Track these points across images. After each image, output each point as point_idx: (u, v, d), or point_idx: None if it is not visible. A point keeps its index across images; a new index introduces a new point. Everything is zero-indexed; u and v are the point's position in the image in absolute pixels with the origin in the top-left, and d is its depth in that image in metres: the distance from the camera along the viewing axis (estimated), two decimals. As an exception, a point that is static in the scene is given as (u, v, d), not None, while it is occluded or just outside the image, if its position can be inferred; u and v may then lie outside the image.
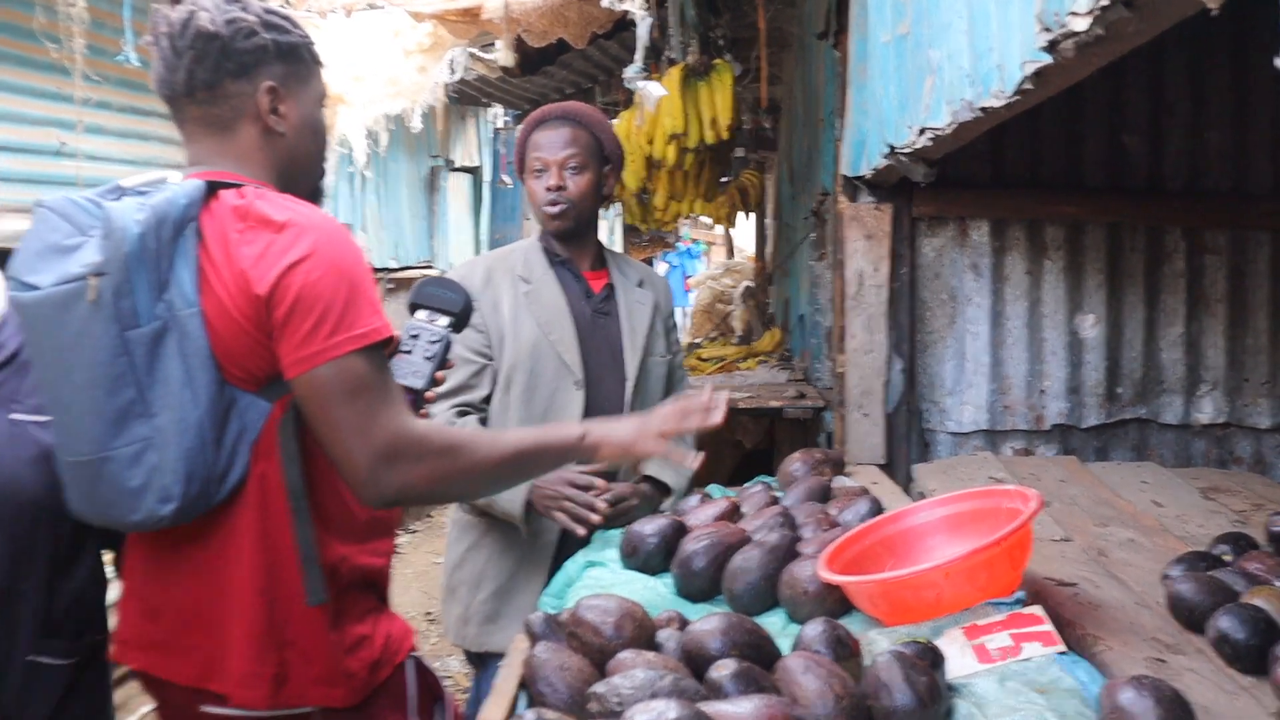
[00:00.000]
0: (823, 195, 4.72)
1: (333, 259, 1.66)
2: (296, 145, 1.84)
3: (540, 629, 1.78)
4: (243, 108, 1.78)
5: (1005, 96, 1.99)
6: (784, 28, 6.03)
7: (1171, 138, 3.44)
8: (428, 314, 1.98)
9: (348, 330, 1.64)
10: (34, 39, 4.09)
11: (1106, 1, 1.40)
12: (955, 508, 2.07)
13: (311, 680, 1.74)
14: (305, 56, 1.84)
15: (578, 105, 2.89)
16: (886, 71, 2.84)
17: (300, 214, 1.69)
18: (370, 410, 1.65)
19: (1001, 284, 3.41)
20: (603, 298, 2.83)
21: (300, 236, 1.65)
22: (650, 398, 2.82)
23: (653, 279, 2.98)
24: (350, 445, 1.65)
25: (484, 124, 10.96)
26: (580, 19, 4.89)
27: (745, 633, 1.65)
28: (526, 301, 2.74)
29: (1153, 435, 3.45)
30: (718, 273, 9.36)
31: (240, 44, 1.74)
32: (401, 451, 1.66)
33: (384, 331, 1.69)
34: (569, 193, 2.75)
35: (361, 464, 1.65)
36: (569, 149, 2.75)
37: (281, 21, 1.80)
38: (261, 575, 1.71)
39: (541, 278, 2.79)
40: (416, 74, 5.47)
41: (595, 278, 2.86)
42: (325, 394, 1.64)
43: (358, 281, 1.68)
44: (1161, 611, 1.92)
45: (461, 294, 2.00)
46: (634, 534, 2.22)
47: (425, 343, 1.93)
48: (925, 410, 3.42)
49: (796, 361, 5.79)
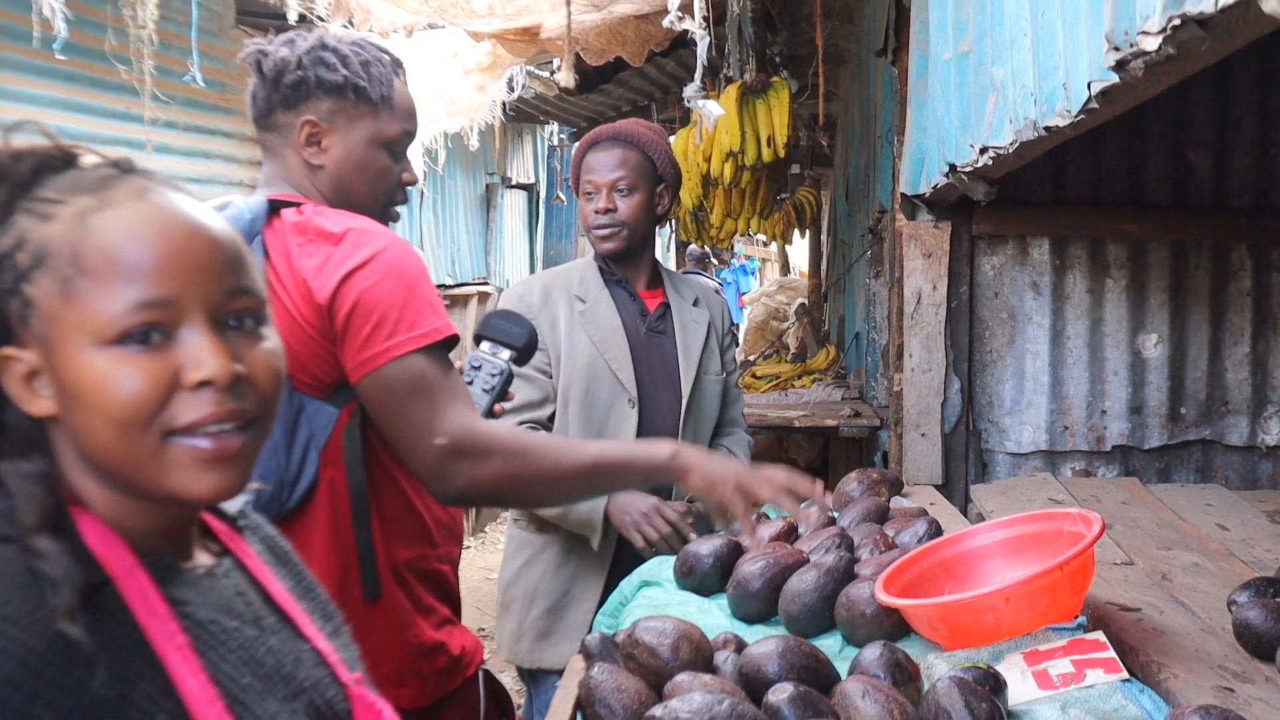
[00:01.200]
0: (880, 212, 4.70)
1: (389, 264, 1.72)
2: (339, 179, 1.89)
3: (597, 649, 1.78)
4: (288, 138, 1.87)
5: (1070, 116, 1.97)
6: (841, 44, 6.01)
7: (1238, 154, 3.39)
8: (491, 346, 2.02)
9: (407, 331, 1.70)
10: (105, 60, 4.20)
11: (1178, 20, 1.38)
12: (1015, 530, 2.04)
13: (380, 680, 1.77)
14: (350, 95, 1.87)
15: (630, 125, 2.90)
16: (947, 89, 2.82)
17: (357, 225, 1.76)
18: (435, 406, 1.69)
19: (1062, 302, 3.37)
20: (658, 316, 2.84)
21: (358, 246, 1.72)
22: (704, 416, 2.82)
23: (709, 296, 2.97)
24: (417, 440, 1.69)
25: (540, 141, 11.05)
26: (638, 37, 4.91)
27: (803, 655, 1.64)
28: (582, 320, 2.76)
29: (1217, 457, 3.39)
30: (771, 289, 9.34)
31: (287, 78, 1.83)
32: (469, 447, 1.69)
33: (444, 331, 1.73)
34: (619, 215, 2.77)
35: (430, 458, 1.69)
36: (618, 171, 2.77)
37: (332, 60, 1.85)
38: (335, 578, 1.75)
39: (597, 296, 2.80)
40: (475, 93, 5.54)
41: (651, 296, 2.87)
42: (389, 393, 1.69)
43: (415, 284, 1.73)
44: (1228, 638, 1.88)
45: (526, 328, 2.04)
46: (689, 554, 2.21)
47: (486, 374, 1.97)
48: (984, 430, 3.39)
49: (851, 379, 5.75)
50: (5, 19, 3.88)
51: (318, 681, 1.04)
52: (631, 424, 2.72)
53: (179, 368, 0.93)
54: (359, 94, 1.88)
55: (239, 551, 1.09)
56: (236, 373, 0.95)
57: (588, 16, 4.59)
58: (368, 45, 1.93)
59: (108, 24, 4.17)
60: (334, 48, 1.86)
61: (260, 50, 1.86)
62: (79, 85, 4.29)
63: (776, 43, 5.54)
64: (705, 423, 2.84)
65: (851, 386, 5.51)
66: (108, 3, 4.14)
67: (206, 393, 0.93)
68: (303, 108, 1.85)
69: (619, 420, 2.72)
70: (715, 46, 4.71)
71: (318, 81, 1.84)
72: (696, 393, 2.80)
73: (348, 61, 1.87)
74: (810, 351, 6.78)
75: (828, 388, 5.47)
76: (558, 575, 2.75)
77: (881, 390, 4.63)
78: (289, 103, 1.85)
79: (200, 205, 1.00)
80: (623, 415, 2.72)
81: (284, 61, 1.83)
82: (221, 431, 0.95)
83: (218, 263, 0.96)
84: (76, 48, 3.87)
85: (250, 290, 0.99)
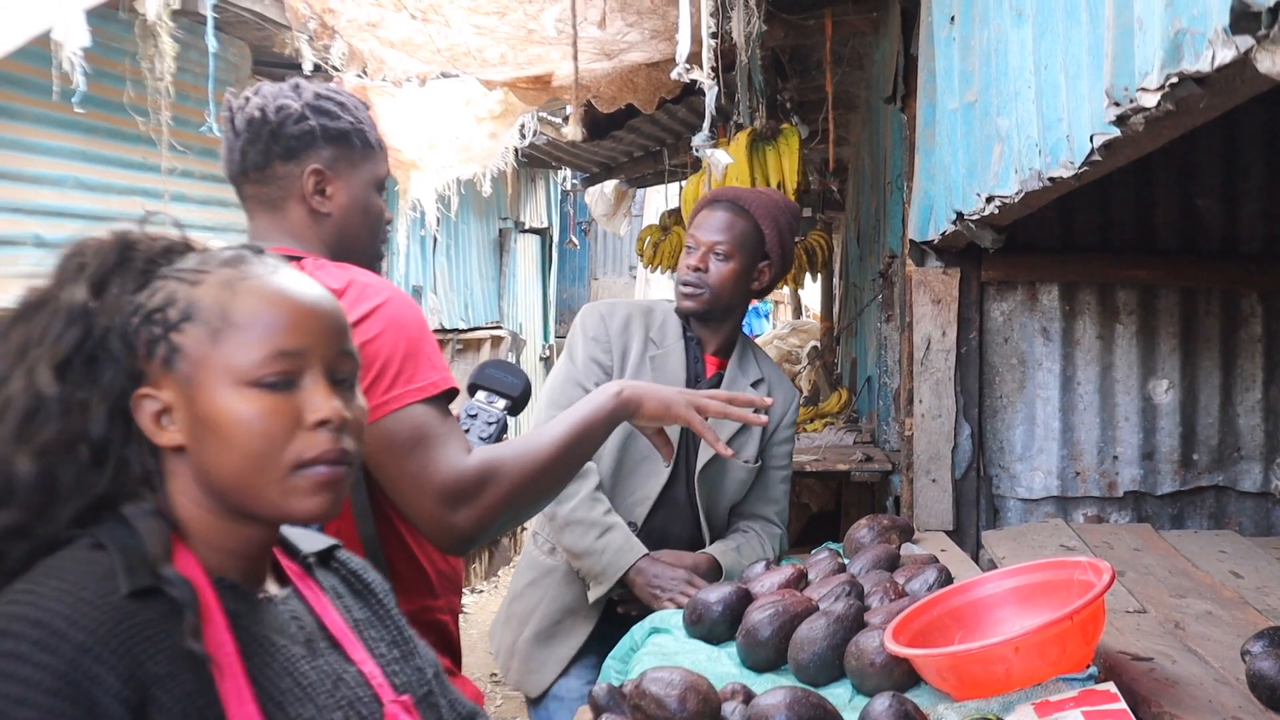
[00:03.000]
0: (890, 257, 4.72)
1: (389, 317, 1.73)
2: (344, 225, 1.91)
3: (605, 700, 1.79)
4: (290, 188, 1.87)
5: (1074, 167, 1.98)
6: (851, 90, 6.06)
7: (1246, 200, 3.40)
8: (487, 395, 2.04)
9: (406, 384, 1.71)
10: (123, 112, 4.28)
11: (1176, 78, 1.40)
12: (1025, 579, 2.04)
13: None
14: (355, 141, 1.90)
15: (753, 194, 2.88)
16: (954, 138, 2.85)
17: (357, 278, 1.77)
18: (430, 458, 1.70)
19: (1072, 348, 3.38)
20: (710, 384, 2.81)
21: (359, 299, 1.73)
22: (725, 498, 2.80)
23: (778, 385, 2.90)
24: (415, 495, 1.70)
25: (553, 186, 11.14)
26: (649, 85, 4.97)
27: (810, 707, 1.64)
28: (652, 364, 2.74)
29: (1231, 503, 3.38)
30: (784, 332, 9.34)
31: (288, 129, 1.84)
32: (461, 491, 1.70)
33: (445, 383, 1.75)
34: (707, 277, 2.74)
35: (429, 511, 1.70)
36: (721, 235, 2.74)
37: (333, 107, 1.88)
38: None
39: (671, 346, 2.78)
40: (487, 140, 5.59)
41: (714, 363, 2.84)
42: (389, 445, 1.70)
43: (415, 337, 1.74)
44: (1242, 689, 1.86)
45: (521, 378, 2.06)
46: (699, 602, 2.22)
47: (482, 423, 1.99)
48: (995, 476, 3.38)
49: (864, 423, 5.74)
50: (26, 73, 3.97)
51: (357, 699, 1.20)
52: (660, 480, 2.72)
53: (301, 409, 1.14)
54: (362, 139, 1.91)
55: (303, 586, 1.27)
56: (345, 417, 1.16)
57: (599, 65, 4.64)
58: (342, 90, 1.96)
59: (126, 76, 4.25)
60: (328, 96, 1.89)
61: (238, 106, 1.87)
62: (97, 136, 4.38)
63: (787, 89, 5.58)
64: (721, 505, 2.81)
65: (863, 430, 5.51)
66: (126, 56, 4.23)
67: (323, 431, 1.14)
68: (305, 157, 1.86)
69: (650, 470, 2.72)
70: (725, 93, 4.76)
71: (322, 130, 1.86)
72: (715, 472, 2.77)
73: (345, 109, 1.90)
74: (823, 395, 6.77)
75: (840, 431, 5.46)
76: (554, 604, 2.75)
77: (893, 434, 4.63)
78: (290, 153, 1.86)
79: (314, 282, 1.21)
80: (655, 468, 2.72)
81: (283, 113, 1.84)
82: (333, 463, 1.15)
83: (333, 328, 1.19)
84: (95, 100, 3.94)
85: (352, 354, 1.22)
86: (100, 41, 3.66)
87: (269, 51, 5.06)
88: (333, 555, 1.35)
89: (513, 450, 1.79)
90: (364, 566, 1.40)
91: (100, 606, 1.02)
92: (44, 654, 0.99)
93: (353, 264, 1.88)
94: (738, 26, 3.46)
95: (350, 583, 1.36)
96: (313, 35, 3.99)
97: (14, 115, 4.04)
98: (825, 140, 5.06)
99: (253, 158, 1.86)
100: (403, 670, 1.32)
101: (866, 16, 4.56)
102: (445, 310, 8.54)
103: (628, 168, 8.49)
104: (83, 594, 1.03)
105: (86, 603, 1.02)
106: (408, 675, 1.32)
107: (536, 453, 1.78)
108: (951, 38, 2.84)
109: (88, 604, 1.02)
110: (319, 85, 1.92)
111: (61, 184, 4.19)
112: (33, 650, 0.99)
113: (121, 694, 1.00)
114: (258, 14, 4.65)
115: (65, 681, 0.98)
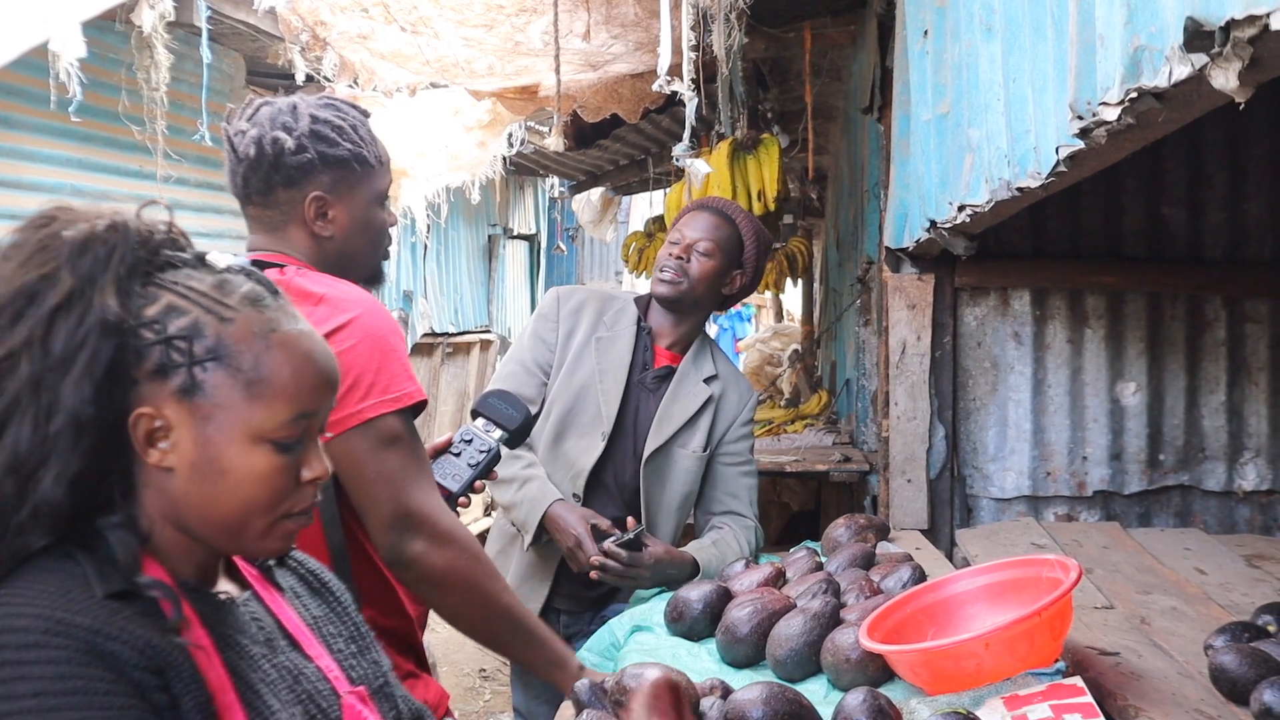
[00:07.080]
0: (868, 263, 4.80)
1: (366, 328, 1.78)
2: (346, 244, 1.96)
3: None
4: (293, 214, 1.92)
5: (1040, 178, 2.03)
6: (830, 101, 6.14)
7: (1210, 209, 3.47)
8: (485, 423, 2.09)
9: (380, 394, 1.76)
10: (119, 121, 4.33)
11: (1136, 93, 1.44)
12: (996, 576, 2.09)
13: None
14: (355, 165, 1.94)
15: (740, 208, 3.00)
16: (928, 148, 2.91)
17: (336, 289, 1.82)
18: (400, 471, 1.76)
19: (1043, 352, 3.45)
20: (657, 375, 2.87)
21: (336, 309, 1.78)
22: (670, 486, 2.85)
23: (732, 384, 2.96)
24: (376, 502, 1.76)
25: (541, 193, 11.17)
26: (633, 95, 5.03)
27: (786, 702, 1.69)
28: (596, 345, 2.83)
29: (1196, 502, 3.45)
30: (766, 336, 9.39)
31: (288, 159, 1.87)
32: (423, 526, 1.76)
33: (415, 395, 1.80)
34: (688, 267, 2.84)
35: (385, 520, 1.76)
36: (706, 234, 2.86)
37: (330, 133, 1.91)
38: None
39: (621, 332, 2.87)
40: (476, 149, 5.65)
41: (666, 356, 2.91)
42: (356, 454, 1.75)
43: (391, 349, 1.79)
44: (1204, 682, 1.91)
45: (522, 411, 2.11)
46: (679, 599, 2.27)
47: (475, 449, 2.04)
48: (968, 476, 3.46)
49: (843, 424, 5.82)
50: (23, 83, 4.02)
51: (316, 692, 1.24)
52: (595, 454, 2.78)
53: (301, 467, 1.18)
54: (361, 162, 1.94)
55: (261, 589, 1.30)
56: (330, 473, 1.23)
57: (584, 76, 4.71)
58: (342, 104, 1.97)
59: (121, 86, 4.30)
60: (326, 119, 1.91)
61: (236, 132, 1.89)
62: (94, 145, 4.43)
63: (767, 99, 5.66)
64: (670, 492, 2.85)
65: (842, 431, 5.59)
66: (122, 66, 4.27)
67: (309, 487, 1.20)
68: (306, 183, 1.90)
69: (587, 445, 2.79)
70: (707, 104, 4.83)
71: (321, 159, 1.89)
72: (661, 459, 2.83)
73: (344, 132, 1.92)
74: (803, 397, 6.84)
75: (819, 433, 5.54)
76: (517, 568, 2.83)
77: (871, 435, 4.71)
78: (291, 181, 1.89)
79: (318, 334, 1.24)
80: (592, 443, 2.79)
81: (280, 145, 1.86)
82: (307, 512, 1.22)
83: (334, 386, 1.23)
84: (91, 109, 3.99)
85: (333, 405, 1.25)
86: (96, 52, 3.71)
87: (262, 62, 5.10)
88: (289, 555, 1.38)
89: (490, 563, 1.88)
90: (320, 566, 1.44)
91: (91, 602, 1.06)
92: (57, 639, 1.02)
93: (353, 279, 1.92)
94: (719, 39, 3.52)
95: (308, 581, 1.40)
96: (305, 47, 4.04)
97: (12, 124, 4.09)
98: (805, 149, 5.14)
99: (255, 184, 1.90)
100: (359, 664, 1.35)
101: (845, 30, 4.64)
102: (435, 315, 8.58)
103: (613, 175, 8.54)
104: (70, 594, 1.05)
105: (77, 600, 1.05)
106: (364, 669, 1.36)
107: (503, 588, 1.88)
108: (925, 51, 2.90)
109: (79, 601, 1.05)
110: (317, 103, 1.94)
111: (59, 192, 4.23)
112: (44, 638, 1.01)
113: (140, 663, 1.04)
114: (251, 26, 4.69)
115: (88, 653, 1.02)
